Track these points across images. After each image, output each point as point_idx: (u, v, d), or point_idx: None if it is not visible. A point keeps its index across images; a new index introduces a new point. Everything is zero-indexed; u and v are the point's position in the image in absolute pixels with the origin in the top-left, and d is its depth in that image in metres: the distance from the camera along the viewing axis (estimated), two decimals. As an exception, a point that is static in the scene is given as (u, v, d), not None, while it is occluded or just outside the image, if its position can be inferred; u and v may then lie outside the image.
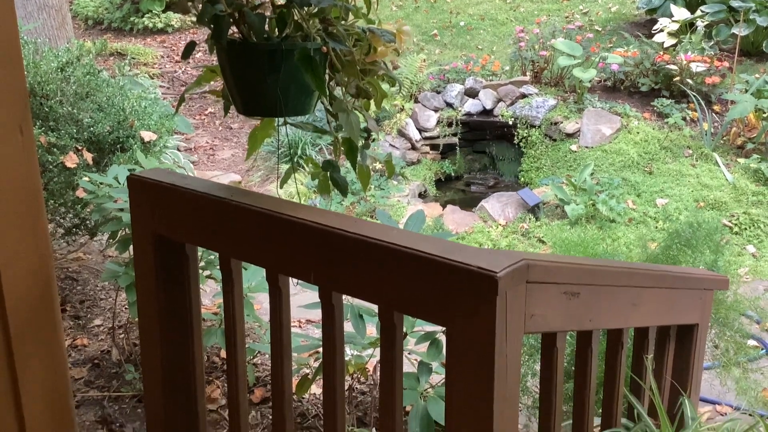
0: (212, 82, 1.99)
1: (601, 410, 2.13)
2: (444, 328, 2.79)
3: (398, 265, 1.47)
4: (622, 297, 1.83)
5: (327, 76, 1.77)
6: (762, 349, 4.17)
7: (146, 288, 1.96)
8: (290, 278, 1.81)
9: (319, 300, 1.71)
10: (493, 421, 1.37)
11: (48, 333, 1.84)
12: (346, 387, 3.19)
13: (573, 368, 1.98)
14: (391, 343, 1.59)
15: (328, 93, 1.83)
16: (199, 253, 2.82)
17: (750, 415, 3.10)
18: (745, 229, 6.56)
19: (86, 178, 3.43)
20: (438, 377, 2.94)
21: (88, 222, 4.00)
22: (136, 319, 3.08)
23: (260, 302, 3.65)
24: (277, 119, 1.99)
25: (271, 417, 3.14)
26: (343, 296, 1.76)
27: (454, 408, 1.45)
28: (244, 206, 1.69)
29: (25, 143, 1.72)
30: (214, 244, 1.86)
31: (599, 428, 2.11)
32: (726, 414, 3.55)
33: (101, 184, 3.30)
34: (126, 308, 3.95)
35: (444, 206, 7.58)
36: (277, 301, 1.78)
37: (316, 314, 3.68)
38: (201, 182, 1.85)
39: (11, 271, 1.75)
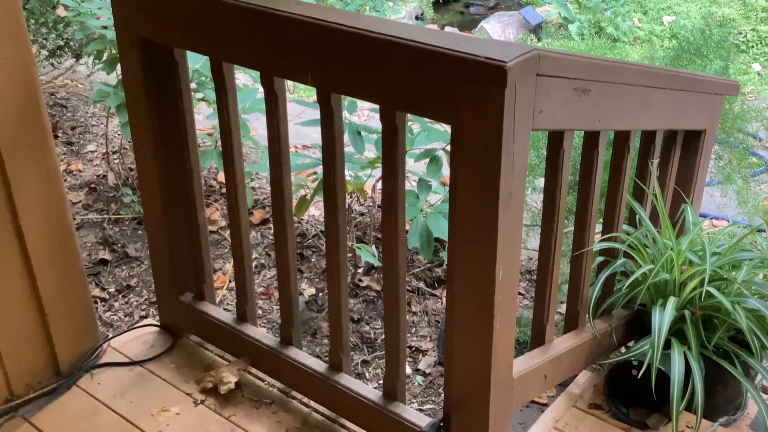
0: None
1: (602, 218, 2.11)
2: (444, 144, 2.76)
3: (401, 61, 1.38)
4: (632, 97, 1.75)
5: None
6: (764, 165, 4.15)
7: (137, 100, 1.88)
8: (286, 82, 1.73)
9: (316, 118, 1.63)
10: (499, 217, 1.34)
11: (38, 141, 1.78)
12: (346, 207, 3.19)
13: (576, 179, 1.94)
14: (393, 145, 1.53)
15: None
16: (190, 75, 2.72)
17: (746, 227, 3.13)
18: (752, 46, 6.38)
19: (66, -5, 3.25)
20: (436, 197, 2.92)
21: (72, 43, 3.84)
22: (131, 142, 3.01)
23: (255, 128, 3.57)
24: None
25: (271, 237, 3.16)
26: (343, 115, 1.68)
27: (459, 209, 1.41)
28: (233, 3, 1.57)
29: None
30: (204, 47, 1.75)
31: (600, 234, 2.11)
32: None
33: (82, 1, 3.13)
34: (119, 134, 3.88)
35: (442, 29, 7.32)
36: (273, 107, 1.70)
37: (313, 139, 3.60)
38: (186, -20, 1.71)
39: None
